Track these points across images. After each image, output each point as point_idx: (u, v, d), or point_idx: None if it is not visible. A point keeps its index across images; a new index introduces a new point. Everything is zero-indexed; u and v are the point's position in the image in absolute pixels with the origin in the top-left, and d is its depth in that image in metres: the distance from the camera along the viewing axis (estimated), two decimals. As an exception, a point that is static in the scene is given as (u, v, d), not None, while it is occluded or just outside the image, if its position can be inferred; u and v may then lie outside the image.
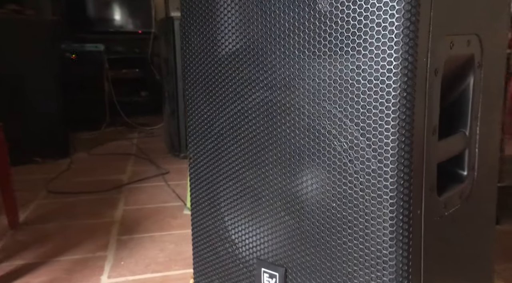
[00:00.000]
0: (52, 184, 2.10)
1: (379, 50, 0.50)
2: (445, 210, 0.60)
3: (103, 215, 1.70)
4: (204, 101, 0.68)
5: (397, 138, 0.51)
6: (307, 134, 0.58)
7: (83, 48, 3.49)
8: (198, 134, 0.70)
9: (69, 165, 2.45)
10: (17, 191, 1.94)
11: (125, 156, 2.69)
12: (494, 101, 0.68)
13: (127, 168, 2.42)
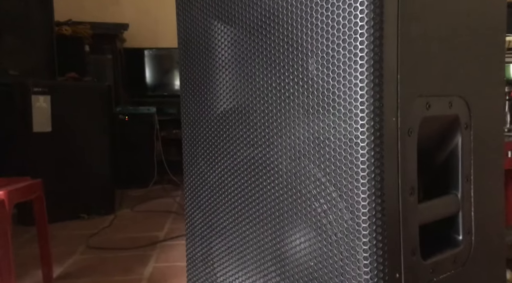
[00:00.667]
0: (92, 240, 2.18)
1: (350, 111, 0.52)
2: (433, 275, 0.57)
3: (134, 271, 1.73)
4: (198, 158, 0.72)
5: (371, 199, 0.51)
6: (288, 193, 0.59)
7: (136, 111, 3.74)
8: (193, 190, 0.73)
9: (112, 221, 2.55)
10: (58, 246, 2.04)
11: (165, 213, 2.76)
12: (491, 164, 0.66)
13: (165, 225, 2.47)
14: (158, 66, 4.37)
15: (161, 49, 4.32)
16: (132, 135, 3.69)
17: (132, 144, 3.70)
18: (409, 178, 0.55)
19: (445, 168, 0.63)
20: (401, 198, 0.54)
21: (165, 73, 4.40)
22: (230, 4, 0.64)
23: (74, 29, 3.04)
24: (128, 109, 3.70)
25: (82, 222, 2.50)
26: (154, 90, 4.34)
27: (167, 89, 4.41)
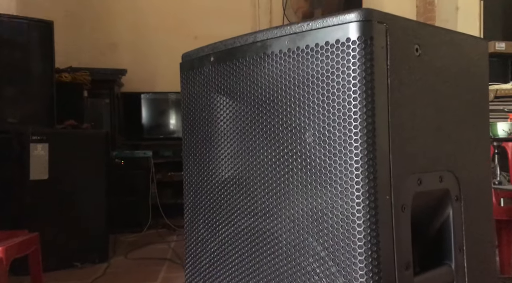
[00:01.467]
0: (85, 290, 2.14)
1: (346, 189, 0.55)
2: None
3: (127, 325, 1.69)
4: (199, 224, 0.74)
5: (368, 276, 0.53)
6: (287, 265, 0.61)
7: (133, 155, 3.76)
8: (194, 255, 0.74)
9: (105, 270, 2.51)
10: (51, 296, 2.00)
11: (160, 261, 2.72)
12: (482, 235, 0.68)
13: (159, 274, 2.43)
14: (155, 109, 4.44)
15: (157, 93, 4.40)
16: (127, 179, 3.69)
17: (128, 188, 3.70)
18: (404, 252, 0.57)
19: (438, 239, 0.65)
20: (397, 272, 0.56)
21: (161, 115, 4.46)
22: (232, 82, 0.68)
23: (74, 76, 3.11)
24: (125, 153, 3.72)
25: (75, 271, 2.46)
26: (150, 133, 4.39)
27: (163, 131, 4.46)
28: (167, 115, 4.45)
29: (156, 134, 4.41)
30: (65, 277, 2.35)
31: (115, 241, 3.16)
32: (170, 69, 4.26)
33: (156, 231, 3.63)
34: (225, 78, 0.69)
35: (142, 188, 3.83)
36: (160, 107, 4.46)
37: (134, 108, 4.33)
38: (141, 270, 2.49)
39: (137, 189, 3.79)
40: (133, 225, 3.66)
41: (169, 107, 4.44)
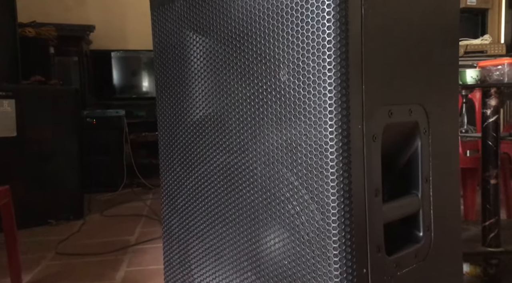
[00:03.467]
0: (62, 246, 2.15)
1: (320, 119, 0.55)
2: (397, 270, 0.62)
3: (105, 276, 1.72)
4: (174, 163, 0.74)
5: (340, 200, 0.55)
6: (262, 196, 0.62)
7: (105, 114, 3.69)
8: (170, 194, 0.75)
9: (81, 226, 2.51)
10: (27, 253, 2.00)
11: (136, 217, 2.74)
12: (447, 166, 0.71)
13: (136, 229, 2.46)
14: (126, 68, 4.32)
15: (128, 51, 4.27)
16: (100, 139, 3.63)
17: (101, 148, 3.65)
18: (374, 180, 0.59)
19: (406, 170, 0.68)
20: (367, 199, 0.58)
21: (133, 75, 4.35)
22: (204, 17, 0.66)
23: (38, 31, 2.97)
24: (96, 112, 3.65)
25: (51, 228, 2.46)
26: (121, 92, 4.29)
27: (135, 91, 4.36)
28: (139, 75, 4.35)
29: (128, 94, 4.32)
30: (40, 234, 2.35)
31: (90, 200, 3.15)
32: (142, 26, 4.12)
33: (132, 190, 3.63)
34: (197, 13, 0.67)
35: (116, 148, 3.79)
36: (132, 67, 4.34)
37: (104, 67, 4.21)
38: (117, 226, 2.51)
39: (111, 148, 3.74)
40: (108, 184, 3.64)
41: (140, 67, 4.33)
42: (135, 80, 4.34)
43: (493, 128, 1.30)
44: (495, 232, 1.33)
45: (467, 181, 2.09)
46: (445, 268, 0.71)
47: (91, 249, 2.06)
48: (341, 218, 0.55)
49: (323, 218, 0.56)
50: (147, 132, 4.33)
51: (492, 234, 1.33)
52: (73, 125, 2.70)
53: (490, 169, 1.31)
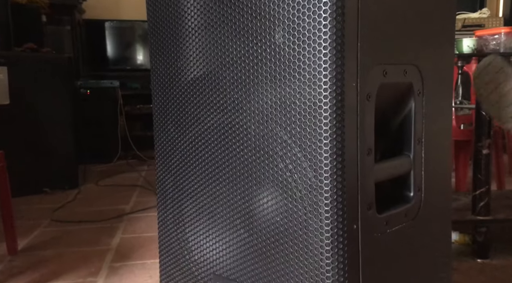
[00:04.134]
0: (57, 213, 2.16)
1: (314, 76, 0.55)
2: (387, 227, 0.63)
3: (100, 242, 1.75)
4: (168, 124, 0.74)
5: (332, 158, 0.55)
6: (256, 155, 0.63)
7: (98, 84, 3.65)
8: (164, 155, 0.75)
9: (76, 195, 2.53)
10: (22, 219, 2.02)
11: (131, 187, 2.76)
12: (440, 128, 0.72)
13: (131, 199, 2.48)
14: (120, 39, 4.25)
15: (123, 21, 4.20)
16: (94, 110, 3.61)
17: (95, 119, 3.63)
18: (367, 139, 0.59)
19: (399, 131, 0.68)
20: (360, 157, 0.58)
21: (127, 47, 4.29)
22: (199, -28, 0.65)
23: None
24: (90, 83, 3.61)
25: (46, 197, 2.47)
26: (115, 64, 4.24)
27: (129, 63, 4.31)
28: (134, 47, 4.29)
29: (122, 66, 4.26)
30: (35, 202, 2.36)
31: (85, 170, 3.16)
32: (135, -6, 4.03)
33: (126, 162, 3.64)
34: (192, -31, 0.66)
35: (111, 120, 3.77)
36: (126, 38, 4.27)
37: (98, 37, 4.14)
38: (112, 196, 2.52)
39: (105, 120, 3.73)
40: (103, 156, 3.64)
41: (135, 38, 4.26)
42: (129, 52, 4.29)
43: (487, 99, 1.31)
44: (485, 201, 1.36)
45: (460, 154, 2.11)
46: (434, 228, 0.73)
47: (87, 217, 2.08)
48: (333, 175, 0.56)
49: (315, 175, 0.57)
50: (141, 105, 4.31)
51: (482, 203, 1.36)
52: (67, 94, 2.68)
53: (483, 139, 1.33)
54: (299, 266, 0.59)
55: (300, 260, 0.59)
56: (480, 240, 1.40)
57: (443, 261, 0.75)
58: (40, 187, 2.51)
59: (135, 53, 4.33)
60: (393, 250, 0.65)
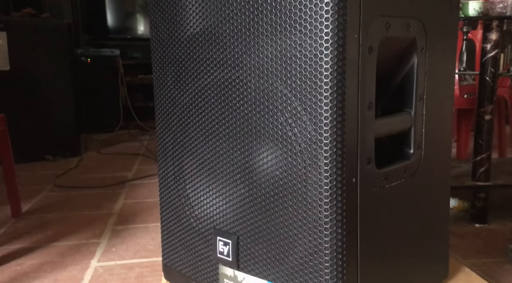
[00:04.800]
0: (59, 179, 2.18)
1: (315, 27, 0.54)
2: (385, 182, 0.64)
3: (103, 207, 1.77)
4: (168, 80, 0.73)
5: (333, 111, 0.55)
6: (256, 109, 0.62)
7: (99, 53, 3.61)
8: (164, 112, 0.75)
9: (79, 162, 2.55)
10: (25, 185, 2.04)
11: (133, 156, 2.77)
12: (442, 86, 0.71)
13: (133, 166, 2.49)
14: (120, 8, 4.18)
15: (123, -11, 4.12)
16: (95, 79, 3.59)
17: (96, 88, 3.61)
18: (368, 93, 0.59)
19: (401, 88, 0.68)
20: (360, 111, 0.58)
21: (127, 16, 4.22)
22: None
23: (28, -38, 2.83)
24: (90, 51, 3.57)
25: (48, 164, 2.49)
26: (116, 33, 4.18)
27: (130, 32, 4.25)
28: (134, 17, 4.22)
29: (122, 34, 4.21)
30: (38, 168, 2.38)
31: (87, 139, 3.17)
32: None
33: (128, 132, 3.65)
34: None
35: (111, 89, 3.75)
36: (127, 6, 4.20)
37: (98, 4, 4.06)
38: (114, 163, 2.54)
39: (106, 89, 3.71)
40: (104, 125, 3.64)
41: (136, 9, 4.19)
42: (129, 22, 4.22)
43: (492, 64, 1.29)
44: (485, 167, 1.36)
45: (462, 123, 2.11)
46: (432, 186, 0.73)
47: (89, 183, 2.10)
48: (333, 128, 0.55)
49: (315, 128, 0.56)
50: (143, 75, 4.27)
51: (482, 168, 1.36)
52: (67, 62, 2.66)
53: (486, 105, 1.32)
54: (298, 219, 0.60)
55: (299, 212, 0.60)
56: (479, 205, 1.41)
57: (440, 219, 0.76)
58: (42, 154, 2.53)
59: (135, 23, 4.27)
60: (391, 205, 0.65)
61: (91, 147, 2.99)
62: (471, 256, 1.23)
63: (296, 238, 0.61)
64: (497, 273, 1.13)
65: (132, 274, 1.18)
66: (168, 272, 0.80)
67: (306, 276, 0.60)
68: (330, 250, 0.58)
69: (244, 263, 0.67)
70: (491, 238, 1.34)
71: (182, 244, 0.76)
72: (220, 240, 0.69)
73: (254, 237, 0.65)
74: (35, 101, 2.53)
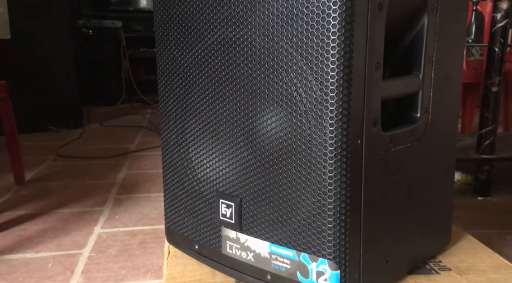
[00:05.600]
0: (62, 150, 2.19)
1: (323, -17, 0.52)
2: (391, 146, 0.63)
3: (106, 177, 1.78)
4: (170, 41, 0.72)
5: (339, 69, 0.54)
6: (260, 69, 0.61)
7: (101, 24, 3.57)
8: (166, 75, 0.74)
9: (81, 133, 2.55)
10: (28, 155, 2.04)
11: (136, 128, 2.77)
12: (452, 48, 0.69)
13: (136, 139, 2.49)
14: (122, -22, 4.10)
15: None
16: (97, 51, 3.55)
17: (98, 60, 3.58)
18: (376, 52, 0.57)
19: (409, 50, 0.66)
20: (367, 71, 0.57)
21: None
22: None
23: None
24: (92, 22, 3.53)
25: (51, 134, 2.49)
26: (118, 4, 4.11)
27: (132, 4, 4.19)
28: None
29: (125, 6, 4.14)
30: (40, 139, 2.38)
31: (89, 112, 3.17)
32: None
33: (131, 105, 3.64)
34: None
35: (114, 62, 3.72)
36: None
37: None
38: (117, 135, 2.54)
39: (109, 62, 3.68)
40: (107, 98, 3.63)
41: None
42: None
43: (501, 34, 1.26)
44: (490, 140, 1.35)
45: (468, 98, 2.08)
46: (438, 151, 0.72)
47: (92, 154, 2.10)
48: (339, 88, 0.54)
49: (321, 88, 0.55)
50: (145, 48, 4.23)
51: (487, 141, 1.35)
52: (69, 32, 2.62)
53: (493, 76, 1.29)
54: (301, 180, 0.59)
55: (302, 174, 0.59)
56: (482, 178, 1.40)
57: (445, 186, 0.76)
58: (44, 125, 2.53)
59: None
60: (396, 169, 0.65)
61: (94, 119, 2.99)
62: (473, 227, 1.24)
63: (299, 200, 0.60)
64: (498, 243, 1.13)
65: (135, 240, 1.19)
66: (170, 235, 0.80)
67: (309, 237, 0.60)
68: (333, 211, 0.57)
69: (247, 225, 0.67)
70: (493, 210, 1.34)
71: (185, 207, 0.76)
72: (223, 202, 0.69)
73: (257, 199, 0.65)
74: (36, 71, 2.51)
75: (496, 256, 0.74)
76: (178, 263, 0.76)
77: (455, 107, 0.74)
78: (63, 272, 1.01)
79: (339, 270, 0.58)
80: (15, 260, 1.05)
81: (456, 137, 0.76)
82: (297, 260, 0.61)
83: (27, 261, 1.05)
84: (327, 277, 0.59)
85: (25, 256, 1.09)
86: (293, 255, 0.62)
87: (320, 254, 0.59)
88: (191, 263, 0.75)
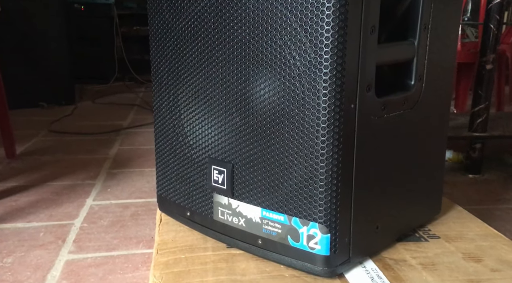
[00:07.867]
0: (54, 125, 2.17)
1: None
2: (384, 112, 0.62)
3: (98, 152, 1.77)
4: (163, 4, 0.70)
5: (334, 30, 0.53)
6: (253, 31, 0.60)
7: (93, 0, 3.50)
8: (158, 39, 0.73)
9: (73, 110, 2.52)
10: (19, 129, 2.02)
11: (128, 106, 2.75)
12: (448, 14, 0.69)
13: (128, 116, 2.47)
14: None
15: None
16: (89, 28, 3.49)
17: (91, 37, 3.52)
18: (372, 16, 0.57)
19: (405, 16, 0.65)
20: (363, 34, 0.56)
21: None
22: None
23: None
24: (84, -2, 3.46)
25: (42, 110, 2.46)
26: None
27: (125, -19, 4.10)
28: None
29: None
30: (32, 114, 2.36)
31: (81, 89, 3.13)
32: None
33: (124, 83, 3.60)
34: None
35: (106, 39, 3.67)
36: None
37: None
38: (109, 112, 2.52)
39: (101, 39, 3.62)
40: (99, 76, 3.58)
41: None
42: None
43: (497, 11, 1.26)
44: (483, 118, 1.35)
45: (462, 79, 2.08)
46: (431, 120, 0.72)
47: (84, 129, 2.08)
48: (333, 50, 0.53)
49: (315, 50, 0.54)
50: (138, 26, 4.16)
51: (480, 119, 1.35)
52: (60, 7, 2.57)
53: (488, 54, 1.29)
54: (294, 145, 0.59)
55: (295, 139, 0.59)
56: (474, 156, 1.41)
57: (436, 155, 0.76)
58: (36, 101, 2.50)
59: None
60: (389, 136, 0.65)
61: (86, 97, 2.96)
62: (463, 204, 1.25)
63: (291, 165, 0.60)
64: (486, 218, 1.15)
65: (127, 212, 1.19)
66: (162, 203, 0.80)
67: (301, 202, 0.60)
68: (325, 175, 0.57)
69: (239, 191, 0.67)
70: (483, 187, 1.35)
71: (177, 174, 0.76)
72: (215, 168, 0.69)
73: (249, 164, 0.65)
74: (27, 46, 2.47)
75: (485, 225, 0.75)
76: (169, 230, 0.76)
77: (449, 77, 0.73)
78: (54, 241, 1.01)
79: (329, 234, 0.58)
80: (6, 229, 1.05)
81: (449, 107, 0.76)
82: (288, 224, 0.62)
83: (18, 230, 1.05)
84: (318, 241, 0.59)
85: (16, 225, 1.08)
86: (284, 219, 0.62)
87: (311, 218, 0.59)
88: (183, 229, 0.75)
